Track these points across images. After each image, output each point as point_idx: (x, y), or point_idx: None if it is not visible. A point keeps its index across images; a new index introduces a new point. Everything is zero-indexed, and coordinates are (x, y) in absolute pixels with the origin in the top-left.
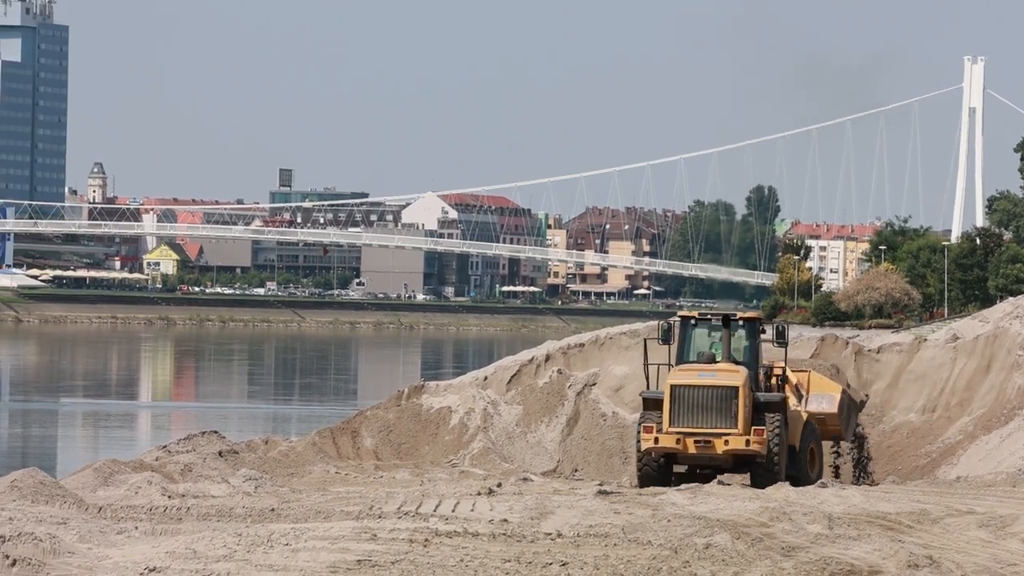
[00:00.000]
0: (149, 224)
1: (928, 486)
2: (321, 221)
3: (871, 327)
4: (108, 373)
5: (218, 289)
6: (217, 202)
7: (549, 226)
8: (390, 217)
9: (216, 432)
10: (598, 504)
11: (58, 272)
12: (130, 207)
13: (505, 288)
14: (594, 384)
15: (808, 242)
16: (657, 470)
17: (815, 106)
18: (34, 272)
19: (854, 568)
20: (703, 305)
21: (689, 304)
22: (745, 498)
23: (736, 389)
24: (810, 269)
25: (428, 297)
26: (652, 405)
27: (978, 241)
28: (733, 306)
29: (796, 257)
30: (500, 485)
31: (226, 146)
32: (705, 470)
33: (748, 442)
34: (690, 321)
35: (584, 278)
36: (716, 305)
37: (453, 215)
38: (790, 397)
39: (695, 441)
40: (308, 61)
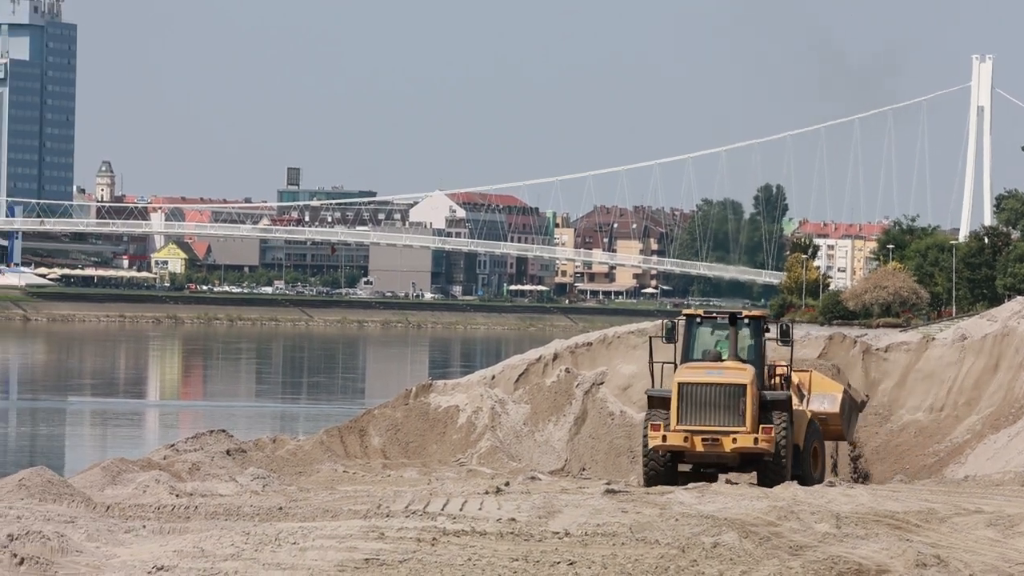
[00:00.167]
0: (157, 223)
1: (936, 485)
2: (329, 220)
3: (879, 326)
4: (116, 372)
5: (226, 288)
6: (225, 201)
7: (557, 225)
8: (398, 216)
9: (224, 431)
10: (606, 503)
11: (66, 271)
12: (138, 206)
13: (513, 287)
14: (602, 383)
15: (816, 241)
16: (663, 468)
17: (820, 105)
18: (42, 271)
19: (862, 567)
20: (710, 304)
21: (697, 303)
22: (753, 497)
23: (744, 387)
24: (818, 268)
25: (436, 296)
26: (657, 403)
27: (986, 240)
28: (740, 305)
29: (804, 256)
30: (508, 484)
31: (234, 145)
32: (709, 469)
33: (756, 440)
34: (695, 319)
35: (592, 277)
36: (723, 304)
37: (461, 214)
38: (792, 396)
39: (703, 439)
40: (316, 60)
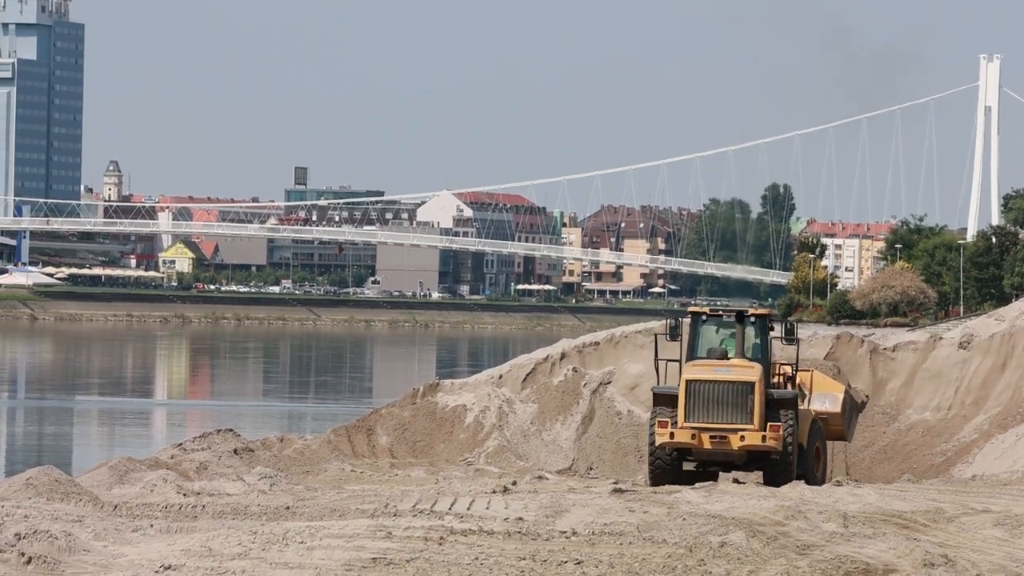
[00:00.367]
0: (164, 222)
1: (943, 485)
2: (336, 219)
3: (886, 325)
4: (123, 371)
5: (233, 287)
6: (232, 200)
7: (564, 224)
8: (405, 215)
9: (231, 430)
10: (613, 502)
11: (73, 270)
12: (145, 205)
13: (520, 286)
14: (609, 382)
15: (823, 240)
16: (669, 465)
17: (827, 104)
18: (49, 270)
19: (869, 567)
20: (717, 303)
21: (704, 302)
22: (760, 496)
23: (752, 385)
24: (825, 267)
25: (443, 295)
26: (663, 400)
27: (994, 239)
28: (747, 304)
29: (811, 255)
30: (515, 483)
31: (241, 144)
32: (713, 467)
33: (764, 438)
34: (701, 317)
35: (599, 276)
36: (730, 303)
37: (468, 213)
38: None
39: (711, 436)
40: (324, 60)
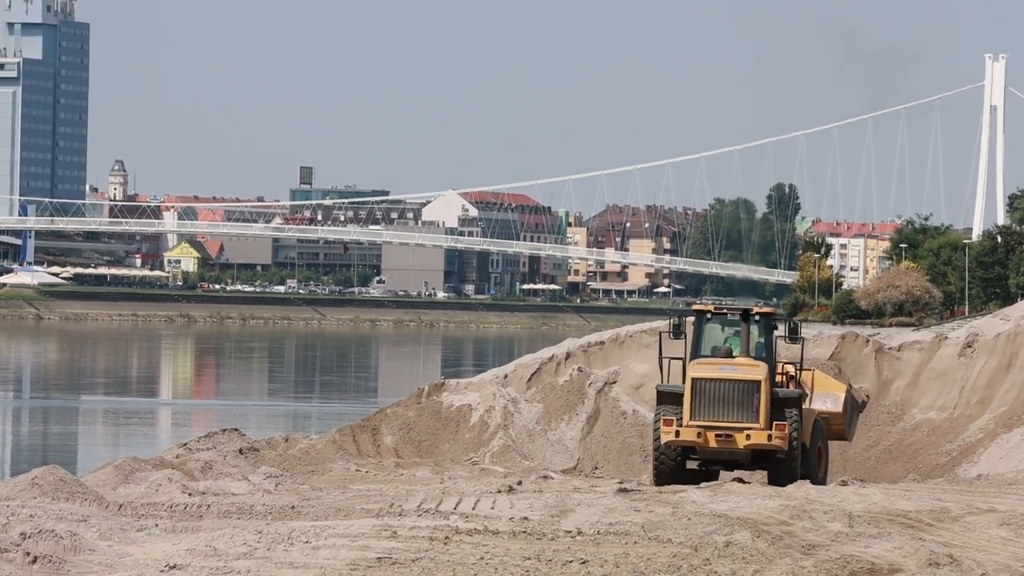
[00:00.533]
0: (170, 222)
1: (949, 484)
2: (341, 219)
3: (892, 325)
4: (128, 370)
5: (238, 287)
6: (238, 200)
7: (569, 224)
8: (410, 215)
9: (236, 430)
10: (618, 502)
11: (79, 269)
12: (151, 205)
13: (525, 286)
14: (614, 382)
15: (829, 240)
16: (674, 464)
17: (831, 103)
18: (55, 269)
19: (874, 566)
20: (722, 302)
21: (709, 301)
22: (765, 496)
23: (758, 383)
24: (831, 267)
25: (448, 295)
26: (667, 399)
27: (999, 239)
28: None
29: (817, 255)
30: (520, 483)
31: (247, 144)
32: (716, 466)
33: (770, 437)
34: (705, 315)
35: (604, 276)
36: (735, 302)
37: (473, 213)
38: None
39: (716, 435)
40: (330, 60)
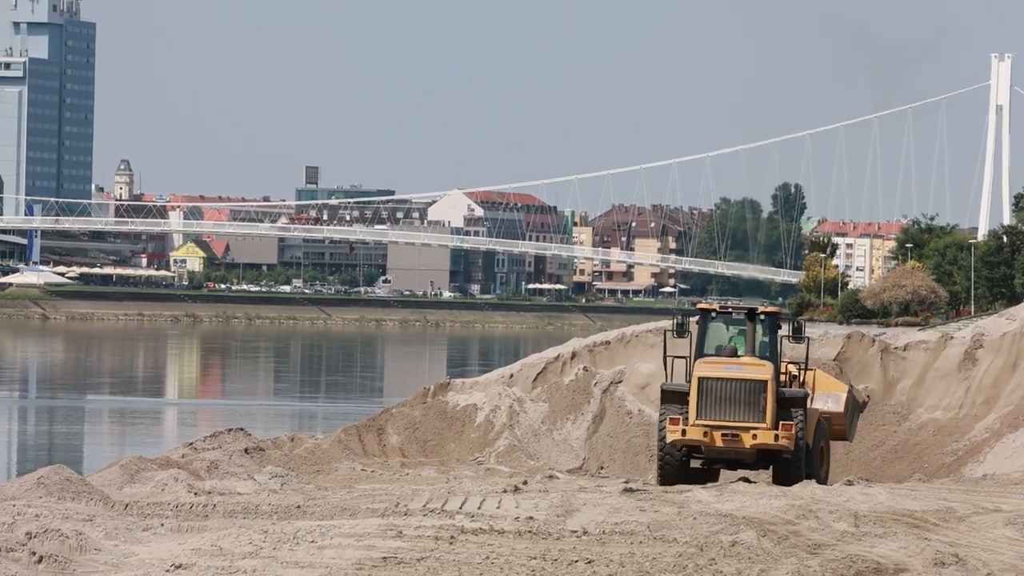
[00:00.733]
0: (175, 221)
1: (954, 484)
2: (347, 218)
3: (897, 325)
4: (134, 370)
5: (244, 286)
6: (243, 199)
7: (575, 223)
8: (416, 214)
9: (242, 429)
10: (624, 502)
11: (84, 269)
12: (156, 204)
13: (531, 286)
14: (620, 382)
15: (834, 240)
16: (679, 463)
17: (837, 103)
18: (61, 269)
19: (880, 566)
20: (728, 301)
21: (715, 300)
22: (771, 496)
23: (765, 383)
24: (836, 267)
25: (454, 295)
26: (671, 397)
27: (1005, 239)
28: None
29: (822, 255)
30: (526, 483)
31: (252, 143)
32: (719, 465)
33: (777, 437)
34: (710, 314)
35: (610, 276)
36: (741, 301)
37: (479, 212)
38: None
39: (723, 434)
40: (335, 60)
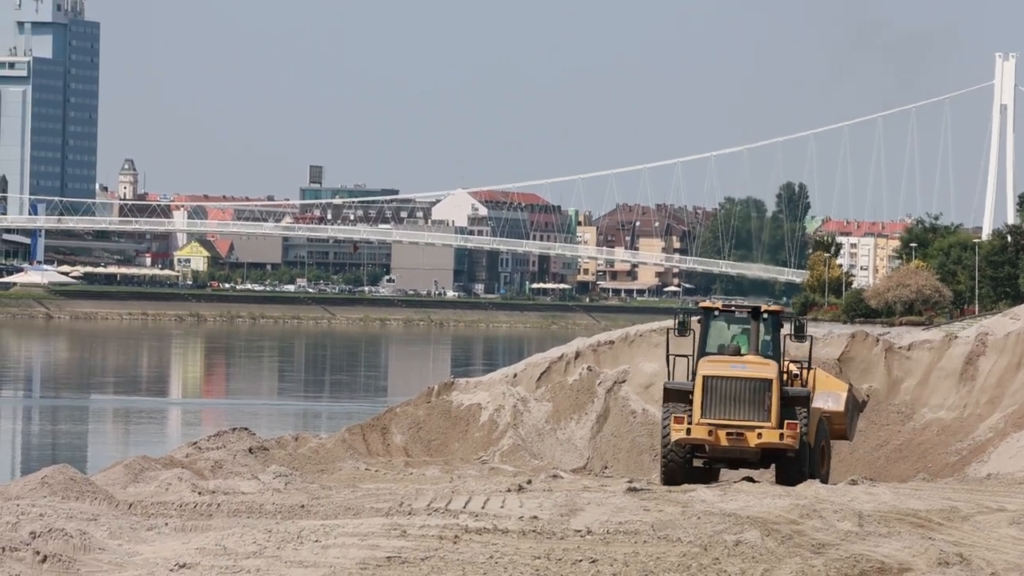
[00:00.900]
0: (180, 221)
1: (958, 483)
2: (351, 218)
3: (901, 324)
4: (138, 370)
5: (248, 286)
6: (247, 199)
7: (579, 223)
8: (420, 214)
9: (246, 429)
10: (628, 501)
11: (89, 269)
12: (161, 204)
13: (535, 285)
14: (624, 381)
15: (839, 239)
16: (683, 462)
17: (841, 103)
18: (65, 269)
19: (884, 565)
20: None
21: (719, 299)
22: (775, 495)
23: (770, 382)
24: (840, 266)
25: (458, 294)
26: (675, 396)
27: (1009, 238)
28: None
29: (827, 254)
30: (530, 482)
31: (256, 143)
32: (722, 464)
33: (782, 436)
34: (712, 312)
35: (614, 275)
36: (745, 300)
37: (483, 212)
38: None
39: (727, 433)
40: (339, 59)
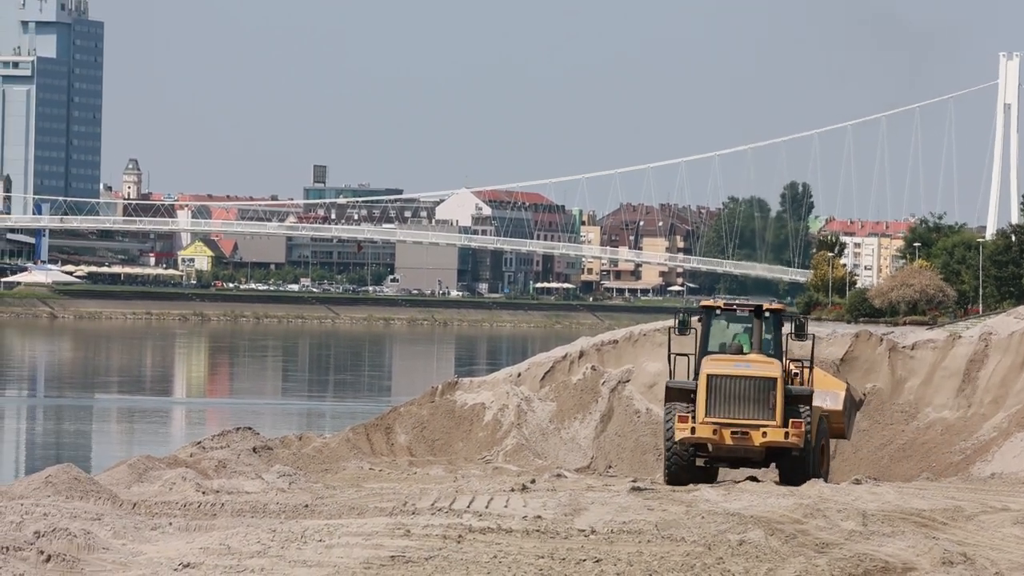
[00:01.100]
0: (183, 220)
1: (962, 483)
2: (355, 217)
3: (905, 324)
4: (142, 369)
5: (252, 285)
6: (251, 198)
7: (583, 222)
8: (424, 213)
9: (250, 428)
10: (632, 500)
11: (93, 268)
12: (164, 203)
13: (539, 285)
14: (628, 381)
15: (842, 239)
16: (686, 461)
17: (845, 102)
18: (69, 268)
19: (888, 565)
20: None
21: (722, 298)
22: (779, 495)
23: (774, 380)
24: (844, 266)
25: (462, 293)
26: (677, 395)
27: (1013, 238)
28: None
29: (830, 254)
30: (534, 481)
31: (260, 143)
32: (724, 463)
33: (787, 435)
34: (714, 311)
35: (618, 275)
36: (748, 299)
37: (487, 211)
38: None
39: (732, 432)
40: (343, 59)
